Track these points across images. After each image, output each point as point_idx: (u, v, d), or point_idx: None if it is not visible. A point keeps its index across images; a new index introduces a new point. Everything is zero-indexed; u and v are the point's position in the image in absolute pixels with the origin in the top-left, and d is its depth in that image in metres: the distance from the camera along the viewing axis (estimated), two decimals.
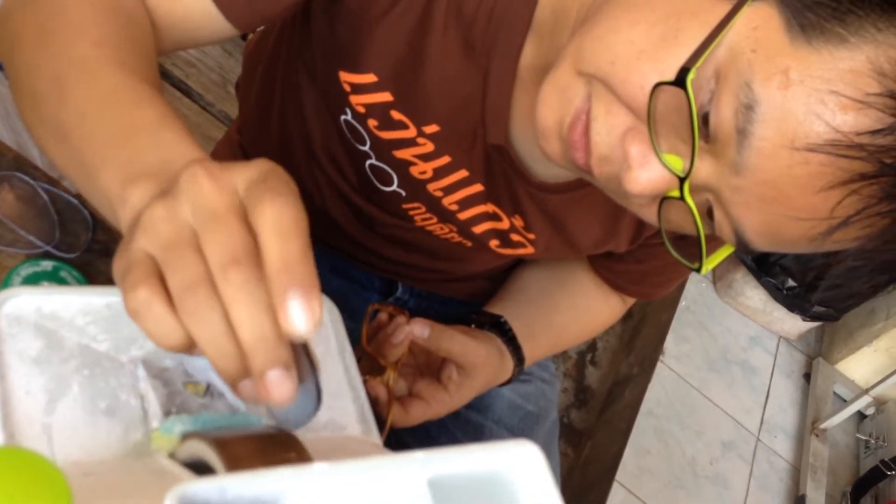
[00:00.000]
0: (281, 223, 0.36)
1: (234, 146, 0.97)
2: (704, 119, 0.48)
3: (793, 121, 0.44)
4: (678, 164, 0.50)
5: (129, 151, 0.43)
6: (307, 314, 0.34)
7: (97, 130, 0.45)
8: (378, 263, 0.91)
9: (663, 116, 0.49)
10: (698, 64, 0.46)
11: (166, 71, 1.53)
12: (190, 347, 0.37)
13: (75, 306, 0.44)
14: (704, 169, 0.49)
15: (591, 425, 2.07)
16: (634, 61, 0.49)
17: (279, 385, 0.35)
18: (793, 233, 0.48)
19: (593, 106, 0.52)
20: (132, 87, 0.47)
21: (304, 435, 0.41)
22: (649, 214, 0.55)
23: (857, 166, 0.44)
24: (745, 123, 0.45)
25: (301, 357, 0.38)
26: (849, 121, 0.43)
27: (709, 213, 0.52)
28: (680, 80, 0.46)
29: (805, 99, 0.44)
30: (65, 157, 0.48)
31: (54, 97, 0.48)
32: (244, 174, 0.38)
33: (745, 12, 0.47)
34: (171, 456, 0.41)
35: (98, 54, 0.49)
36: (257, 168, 0.38)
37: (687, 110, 0.47)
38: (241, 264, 0.35)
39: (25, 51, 0.52)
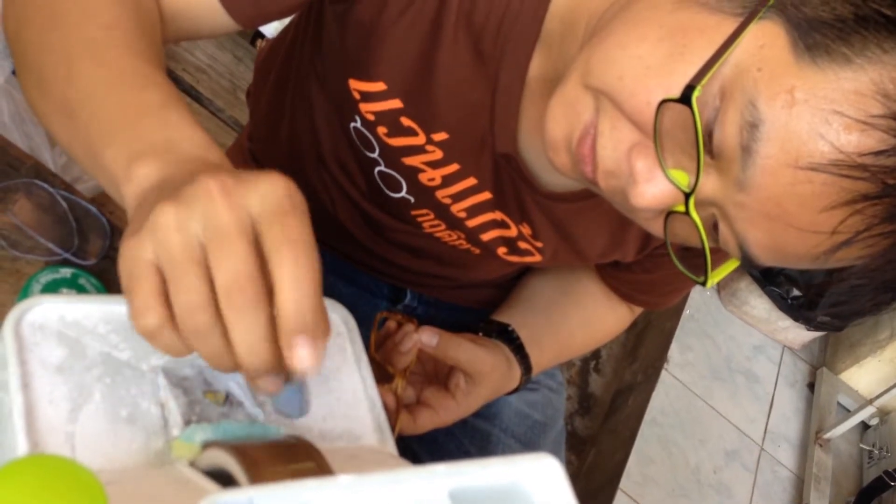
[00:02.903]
0: (298, 270, 0.38)
1: (245, 152, 0.98)
2: (710, 135, 0.48)
3: (797, 140, 0.45)
4: (683, 179, 0.50)
5: (135, 130, 0.44)
6: (311, 357, 0.38)
7: (103, 110, 0.46)
8: (386, 270, 0.91)
9: (669, 132, 0.49)
10: (704, 81, 0.46)
11: (177, 77, 1.53)
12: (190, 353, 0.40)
13: (97, 315, 0.45)
14: (709, 185, 0.49)
15: (594, 433, 2.07)
16: (641, 77, 0.49)
17: (265, 382, 0.40)
18: (796, 249, 0.48)
19: (599, 121, 0.52)
20: (139, 70, 0.48)
21: (321, 445, 0.41)
22: (655, 228, 0.55)
23: (861, 186, 0.44)
24: (750, 141, 0.46)
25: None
26: (852, 141, 0.44)
27: (714, 228, 0.52)
28: (685, 98, 0.47)
29: (809, 118, 0.44)
30: (69, 135, 0.49)
31: (62, 76, 0.49)
32: (259, 195, 0.39)
33: (752, 30, 0.47)
34: (192, 464, 0.41)
35: (107, 37, 0.50)
36: (273, 190, 0.39)
37: (692, 127, 0.47)
38: (243, 289, 0.37)
39: (34, 30, 0.53)
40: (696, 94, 0.46)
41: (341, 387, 0.50)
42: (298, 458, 0.39)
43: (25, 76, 0.54)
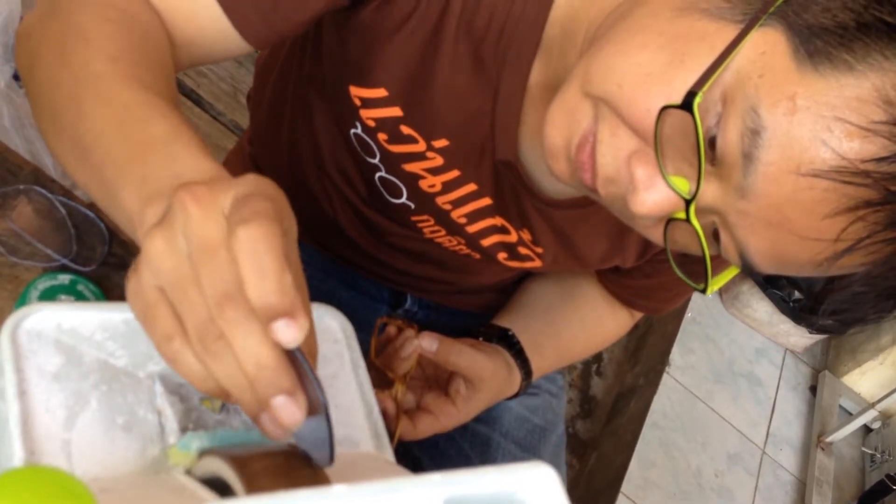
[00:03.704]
0: (255, 255, 0.36)
1: (245, 157, 0.98)
2: (711, 142, 0.48)
3: (798, 147, 0.44)
4: (684, 186, 0.50)
5: (144, 170, 0.44)
6: (293, 331, 0.36)
7: (113, 149, 0.46)
8: (387, 274, 0.92)
9: (669, 139, 0.49)
10: (705, 88, 0.46)
11: (177, 80, 1.54)
12: (228, 394, 0.38)
13: (94, 322, 0.45)
14: (710, 192, 0.49)
15: (596, 436, 2.07)
16: (641, 84, 0.49)
17: (284, 409, 0.37)
18: (798, 257, 0.48)
19: (599, 128, 0.52)
20: (145, 103, 0.48)
21: None
22: (655, 235, 0.55)
23: (863, 193, 0.44)
24: (751, 148, 0.46)
25: (313, 388, 0.38)
26: (854, 148, 0.44)
27: (714, 235, 0.52)
28: (687, 104, 0.46)
29: (811, 125, 0.44)
30: (86, 177, 0.49)
31: (72, 115, 0.49)
32: (231, 194, 0.38)
33: (753, 37, 0.47)
34: (188, 472, 0.41)
35: (113, 70, 0.49)
36: (244, 185, 0.39)
37: (693, 133, 0.47)
38: (232, 298, 0.36)
39: (44, 69, 0.53)
40: (697, 101, 0.46)
41: (339, 393, 0.50)
42: (295, 466, 0.39)
43: (40, 116, 0.54)
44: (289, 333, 0.36)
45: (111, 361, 0.44)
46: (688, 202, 0.50)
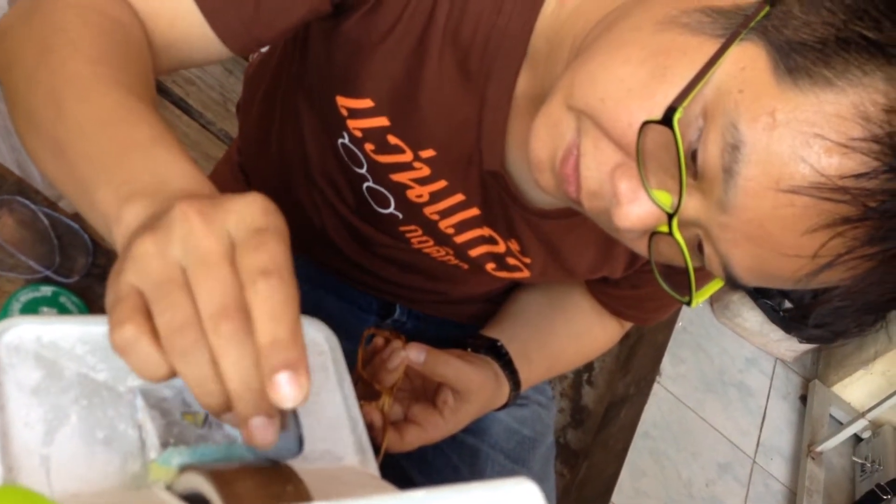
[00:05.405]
0: (273, 303, 0.37)
1: (234, 166, 0.98)
2: (692, 156, 0.48)
3: (778, 162, 0.44)
4: (667, 200, 0.50)
5: (124, 170, 0.44)
6: (295, 389, 0.36)
7: (93, 149, 0.46)
8: (375, 284, 0.91)
9: (652, 153, 0.49)
10: (685, 103, 0.46)
11: (166, 88, 1.53)
12: (171, 377, 0.38)
13: (75, 336, 0.44)
14: (693, 205, 0.49)
15: (587, 446, 2.07)
16: (623, 99, 0.49)
17: (262, 431, 0.37)
18: (780, 271, 0.48)
19: (582, 142, 0.52)
20: (128, 106, 0.48)
21: (301, 466, 0.41)
22: (640, 247, 0.55)
23: (842, 209, 0.44)
24: (731, 163, 0.46)
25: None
26: (833, 164, 0.43)
27: (699, 247, 0.52)
28: (667, 119, 0.46)
29: (790, 141, 0.44)
30: (61, 174, 0.48)
31: (51, 114, 0.49)
32: (236, 216, 0.38)
33: (733, 52, 0.47)
34: (169, 488, 0.41)
35: (95, 72, 0.49)
36: (249, 209, 0.38)
37: (675, 148, 0.47)
38: (230, 317, 0.36)
39: (24, 67, 0.52)
40: (677, 116, 0.46)
41: (322, 407, 0.50)
42: (276, 481, 0.38)
43: (15, 113, 0.53)
44: (289, 391, 0.36)
45: (91, 375, 0.44)
46: (670, 216, 0.50)
